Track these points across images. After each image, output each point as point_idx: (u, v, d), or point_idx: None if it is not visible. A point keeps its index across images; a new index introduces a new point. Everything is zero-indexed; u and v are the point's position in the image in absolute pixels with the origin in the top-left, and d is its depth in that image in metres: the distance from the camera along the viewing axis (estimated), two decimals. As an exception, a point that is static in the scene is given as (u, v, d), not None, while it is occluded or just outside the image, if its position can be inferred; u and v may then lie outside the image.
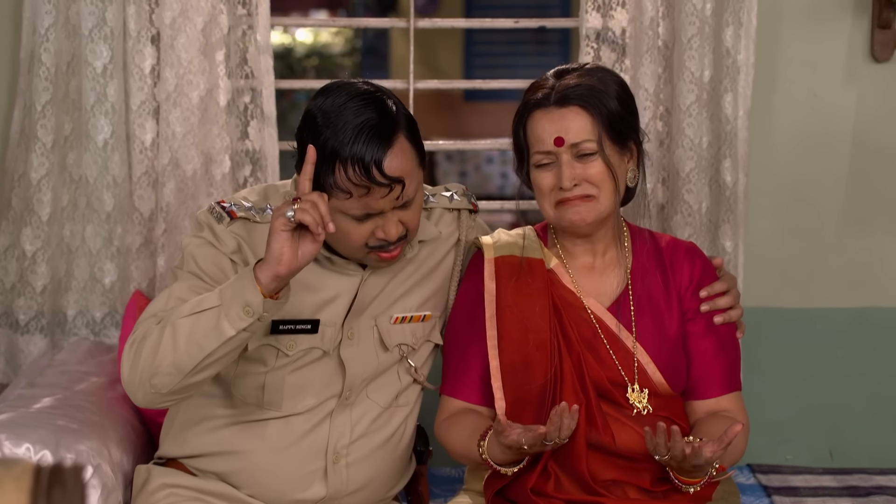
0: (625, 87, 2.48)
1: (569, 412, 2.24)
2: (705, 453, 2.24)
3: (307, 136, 2.35)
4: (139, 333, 2.31)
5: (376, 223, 2.35)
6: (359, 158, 2.28)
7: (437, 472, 3.17)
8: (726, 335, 2.54)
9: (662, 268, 2.54)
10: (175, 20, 3.12)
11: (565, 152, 2.40)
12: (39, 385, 2.79)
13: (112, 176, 3.18)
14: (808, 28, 3.35)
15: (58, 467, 1.42)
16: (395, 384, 2.56)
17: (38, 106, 3.15)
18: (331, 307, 2.47)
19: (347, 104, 2.33)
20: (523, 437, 2.26)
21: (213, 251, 2.41)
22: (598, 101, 2.40)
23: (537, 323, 2.45)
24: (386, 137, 2.31)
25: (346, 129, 2.29)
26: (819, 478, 3.29)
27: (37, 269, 3.20)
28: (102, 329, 3.25)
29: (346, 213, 2.33)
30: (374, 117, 2.31)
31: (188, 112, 3.15)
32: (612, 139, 2.41)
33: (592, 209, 2.43)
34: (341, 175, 2.29)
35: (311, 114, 2.36)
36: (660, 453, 2.30)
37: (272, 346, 2.45)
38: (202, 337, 2.23)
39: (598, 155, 2.40)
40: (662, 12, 3.21)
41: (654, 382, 2.46)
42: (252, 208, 2.46)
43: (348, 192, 2.31)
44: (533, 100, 2.44)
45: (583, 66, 2.48)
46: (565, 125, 2.40)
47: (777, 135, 3.37)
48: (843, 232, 3.41)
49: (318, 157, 2.29)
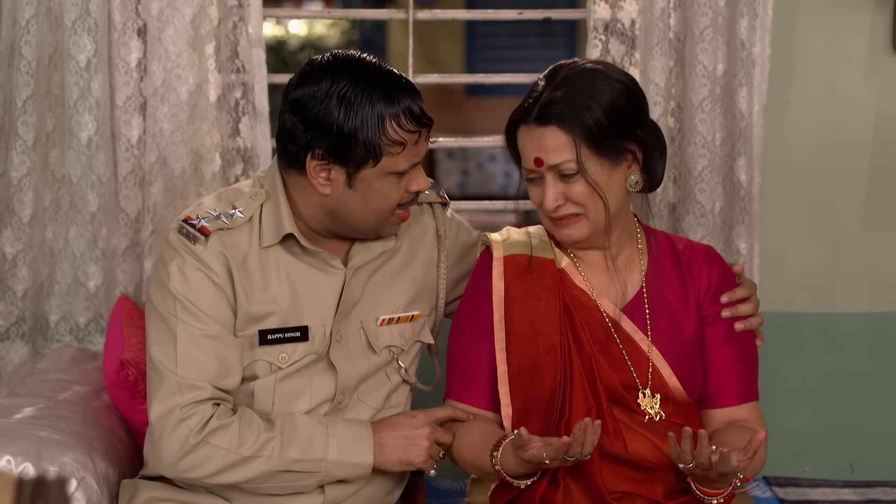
0: (623, 90, 2.41)
1: (592, 427, 2.22)
2: (732, 461, 2.21)
3: (332, 114, 2.38)
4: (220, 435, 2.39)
5: (410, 177, 2.45)
6: (407, 107, 2.40)
7: (438, 485, 3.20)
8: (746, 343, 2.53)
9: (680, 270, 2.52)
10: (162, 11, 3.10)
11: (548, 172, 2.39)
12: (20, 394, 2.76)
13: (97, 175, 3.15)
14: (826, 19, 3.34)
15: (40, 480, 1.44)
16: (386, 384, 2.58)
17: (19, 101, 3.11)
18: (317, 309, 2.50)
19: (362, 71, 2.42)
20: (544, 450, 2.24)
21: (203, 283, 2.43)
22: (576, 119, 2.36)
23: (547, 325, 2.44)
24: (405, 82, 2.45)
25: (379, 90, 2.40)
26: (839, 491, 3.30)
27: (17, 273, 3.18)
28: (87, 335, 3.22)
29: (394, 170, 2.42)
30: (390, 71, 2.45)
31: (176, 108, 3.13)
32: (598, 153, 2.38)
33: (581, 228, 2.43)
34: (394, 129, 2.39)
35: (327, 96, 2.40)
36: (684, 461, 2.26)
37: (264, 360, 2.48)
38: None
39: (580, 175, 2.37)
40: (674, 3, 3.21)
41: (670, 387, 2.45)
42: (220, 215, 2.48)
43: (402, 144, 2.40)
44: (517, 115, 2.44)
45: (578, 66, 2.43)
46: (544, 145, 2.38)
47: (794, 131, 3.37)
48: (863, 233, 3.42)
49: (356, 125, 2.37)
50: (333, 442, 2.41)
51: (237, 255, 2.45)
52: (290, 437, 2.39)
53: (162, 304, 2.44)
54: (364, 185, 2.40)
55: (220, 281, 2.43)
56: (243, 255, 2.45)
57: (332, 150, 2.38)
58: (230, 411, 2.40)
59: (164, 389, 2.39)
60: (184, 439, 2.37)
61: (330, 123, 2.38)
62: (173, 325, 2.42)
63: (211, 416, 2.37)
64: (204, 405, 2.38)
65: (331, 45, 9.45)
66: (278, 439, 2.38)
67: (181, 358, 2.40)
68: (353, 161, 2.38)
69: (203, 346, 2.40)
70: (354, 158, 2.38)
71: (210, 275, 2.43)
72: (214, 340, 2.40)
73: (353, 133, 2.37)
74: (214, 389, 2.39)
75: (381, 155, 2.39)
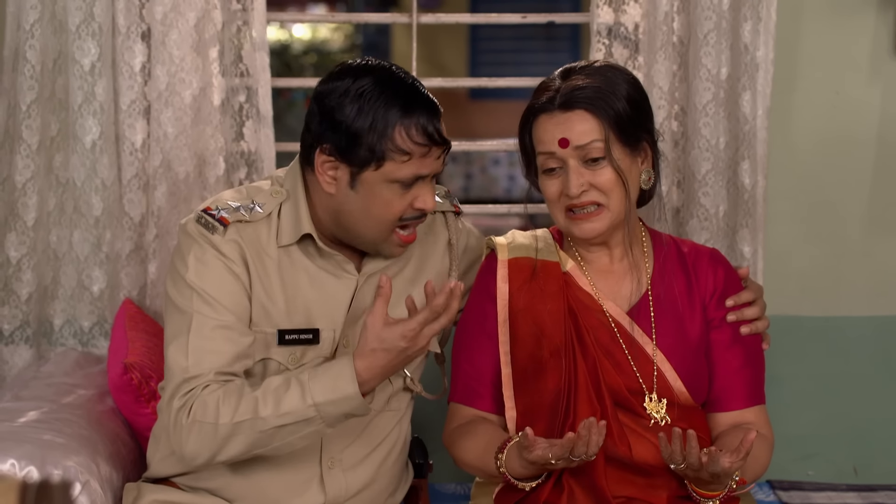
0: (636, 86, 2.46)
1: (597, 427, 2.22)
2: (723, 463, 2.21)
3: (344, 111, 2.39)
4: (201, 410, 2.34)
5: (416, 192, 2.43)
6: (420, 116, 2.39)
7: (442, 488, 3.17)
8: (752, 346, 2.54)
9: (685, 273, 2.52)
10: (166, 15, 3.10)
11: (572, 157, 2.38)
12: (25, 398, 2.76)
13: (101, 179, 3.15)
14: (829, 23, 3.32)
15: (45, 483, 1.50)
16: (387, 388, 2.57)
17: (23, 105, 3.12)
18: (328, 313, 2.49)
19: (391, 79, 2.43)
20: (550, 451, 2.24)
21: (221, 272, 2.43)
22: (604, 104, 2.38)
23: (551, 328, 2.44)
24: (431, 101, 2.44)
25: (398, 97, 2.39)
26: (843, 495, 3.27)
27: (22, 277, 3.18)
28: (91, 339, 3.22)
29: (397, 179, 2.40)
30: (414, 82, 2.45)
31: (180, 112, 3.12)
32: (622, 141, 2.39)
33: (602, 220, 2.42)
34: (403, 137, 2.38)
35: (343, 91, 2.41)
36: (675, 461, 2.27)
37: (275, 360, 2.48)
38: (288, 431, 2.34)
39: (607, 160, 2.38)
40: (677, 6, 3.19)
41: (675, 391, 2.45)
42: (240, 208, 2.48)
43: (408, 154, 2.39)
44: (537, 104, 2.43)
45: (591, 65, 2.46)
46: (570, 127, 2.38)
47: (798, 135, 3.35)
48: (867, 236, 3.39)
49: (365, 126, 2.37)
50: (314, 385, 2.31)
51: (254, 248, 2.45)
52: (272, 395, 2.32)
53: (178, 297, 2.42)
54: (365, 188, 2.40)
55: (238, 271, 2.43)
56: (260, 249, 2.45)
57: (339, 147, 2.39)
58: (220, 384, 2.37)
59: (172, 385, 2.38)
60: (187, 427, 2.34)
61: (341, 119, 2.39)
62: (188, 319, 2.40)
63: (197, 396, 2.35)
64: (197, 389, 2.36)
65: (334, 49, 9.46)
66: (262, 399, 2.32)
67: (192, 351, 2.38)
68: (357, 161, 2.38)
69: (217, 336, 2.38)
70: (358, 158, 2.38)
71: (228, 264, 2.42)
72: (229, 330, 2.39)
73: (360, 132, 2.37)
74: (216, 374, 2.36)
75: (385, 159, 2.38)
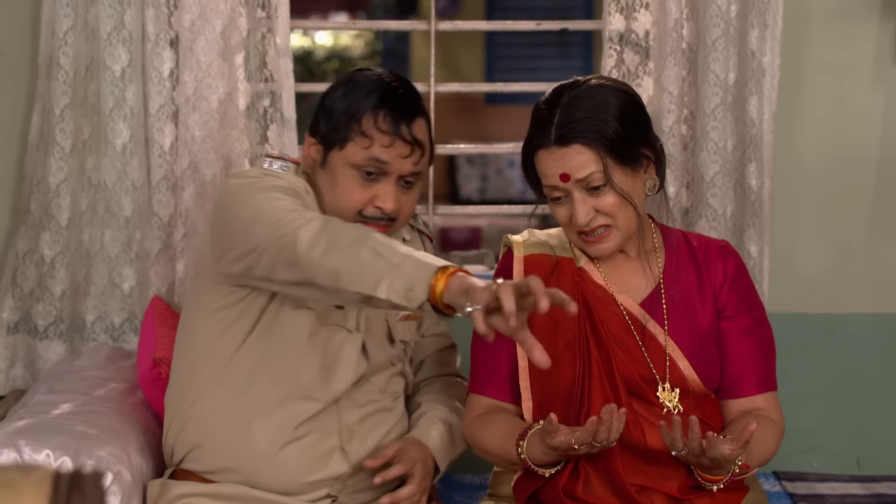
0: (628, 99, 2.45)
1: (617, 413, 2.25)
2: (723, 449, 2.23)
3: (332, 96, 2.50)
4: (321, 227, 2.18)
5: (378, 191, 2.46)
6: (392, 109, 2.45)
7: (459, 479, 3.15)
8: (764, 335, 2.55)
9: (696, 265, 2.54)
10: (194, 23, 3.12)
11: (575, 188, 2.41)
12: (59, 391, 2.79)
13: (131, 180, 3.18)
14: (834, 30, 3.33)
15: (77, 473, 1.43)
16: (390, 369, 2.65)
17: (57, 110, 3.14)
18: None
19: (381, 77, 2.51)
20: (573, 436, 2.26)
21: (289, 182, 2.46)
22: (598, 134, 2.38)
23: (566, 321, 2.45)
24: (414, 106, 2.49)
25: (380, 87, 2.47)
26: (846, 485, 3.26)
27: (56, 275, 3.19)
28: (121, 335, 3.24)
29: (355, 164, 2.45)
30: (407, 89, 2.51)
31: (207, 116, 3.15)
32: (621, 163, 2.41)
33: (612, 240, 2.45)
34: (369, 121, 2.45)
35: (340, 81, 2.53)
36: (676, 448, 2.29)
37: (311, 309, 2.49)
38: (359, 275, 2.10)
39: (608, 185, 2.40)
40: (687, 14, 3.20)
41: (687, 379, 2.46)
42: None
43: (370, 139, 2.45)
44: (535, 139, 2.44)
45: (581, 85, 2.44)
46: (568, 162, 2.39)
47: (803, 138, 3.35)
48: (870, 237, 3.39)
49: (341, 108, 2.47)
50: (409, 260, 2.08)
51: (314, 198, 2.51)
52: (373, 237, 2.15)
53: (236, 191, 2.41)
54: (330, 168, 2.48)
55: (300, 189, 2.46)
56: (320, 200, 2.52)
57: (318, 127, 2.51)
58: None
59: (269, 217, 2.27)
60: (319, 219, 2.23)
61: (328, 104, 2.51)
62: (256, 189, 2.38)
63: None
64: None
65: (355, 56, 9.45)
66: None
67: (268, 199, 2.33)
68: (327, 141, 2.48)
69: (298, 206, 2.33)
70: (328, 138, 2.48)
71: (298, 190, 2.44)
72: None
73: (334, 113, 2.48)
74: None
75: (348, 140, 2.46)
